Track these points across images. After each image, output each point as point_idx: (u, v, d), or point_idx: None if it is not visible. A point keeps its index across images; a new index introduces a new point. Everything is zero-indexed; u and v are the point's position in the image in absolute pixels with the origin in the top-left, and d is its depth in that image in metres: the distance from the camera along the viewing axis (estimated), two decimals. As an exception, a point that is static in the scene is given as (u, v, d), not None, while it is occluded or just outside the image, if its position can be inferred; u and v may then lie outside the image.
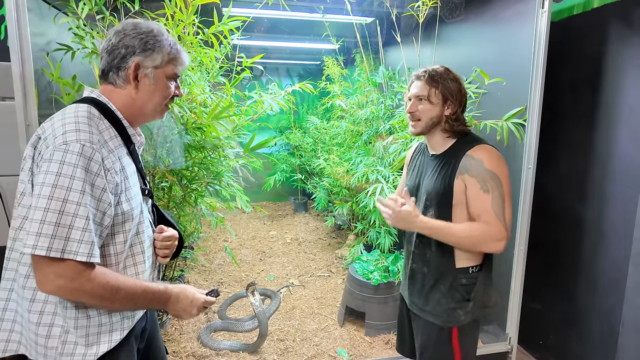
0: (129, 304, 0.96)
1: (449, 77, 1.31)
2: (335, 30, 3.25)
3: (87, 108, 0.96)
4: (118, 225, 0.97)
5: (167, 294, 1.03)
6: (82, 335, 0.95)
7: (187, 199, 2.15)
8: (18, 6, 1.49)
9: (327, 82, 3.66)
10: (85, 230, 0.87)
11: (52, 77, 1.70)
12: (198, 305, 1.08)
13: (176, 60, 1.05)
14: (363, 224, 3.13)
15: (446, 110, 1.31)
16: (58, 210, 0.85)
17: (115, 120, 1.00)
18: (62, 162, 0.86)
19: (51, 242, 0.84)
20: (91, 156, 0.88)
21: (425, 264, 1.39)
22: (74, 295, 0.89)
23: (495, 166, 1.24)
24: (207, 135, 1.94)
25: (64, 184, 0.86)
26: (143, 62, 1.00)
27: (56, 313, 0.94)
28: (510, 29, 2.20)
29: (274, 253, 4.04)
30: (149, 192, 1.13)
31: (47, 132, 0.92)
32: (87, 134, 0.90)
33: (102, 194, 0.91)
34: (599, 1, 1.96)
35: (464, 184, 1.26)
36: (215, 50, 2.04)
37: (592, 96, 1.99)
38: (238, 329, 2.63)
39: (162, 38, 1.02)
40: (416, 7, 2.28)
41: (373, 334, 2.55)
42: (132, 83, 1.01)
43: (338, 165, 3.31)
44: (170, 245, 1.17)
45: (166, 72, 1.03)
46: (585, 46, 2.04)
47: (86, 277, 0.88)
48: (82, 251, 0.87)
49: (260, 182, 4.94)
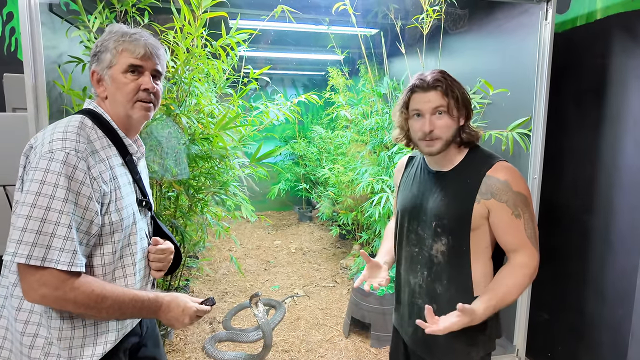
0: (116, 312, 0.95)
1: (459, 83, 1.16)
2: (340, 41, 3.29)
3: (81, 118, 0.96)
4: (106, 236, 0.96)
5: (158, 303, 1.01)
6: (65, 347, 0.93)
7: (194, 208, 2.16)
8: (32, 20, 1.53)
9: (332, 92, 3.70)
10: (67, 238, 0.86)
11: (63, 89, 1.73)
12: (190, 314, 1.05)
13: (126, 51, 0.99)
14: (368, 234, 3.12)
15: (462, 120, 1.16)
16: (40, 218, 0.84)
17: (110, 130, 1.00)
18: (46, 170, 0.86)
19: (32, 250, 0.84)
20: (76, 164, 0.88)
21: (436, 300, 1.19)
22: (59, 304, 0.88)
23: (523, 186, 1.12)
24: (214, 145, 1.96)
25: (47, 192, 0.85)
26: (96, 68, 1.00)
27: (41, 324, 0.93)
28: (514, 41, 2.22)
29: (279, 263, 4.04)
30: (148, 203, 1.11)
31: (38, 141, 0.93)
32: (73, 143, 0.90)
33: (89, 202, 0.90)
34: (602, 12, 1.97)
35: (487, 209, 1.12)
36: (222, 62, 2.08)
37: (596, 106, 2.00)
38: (243, 340, 2.61)
39: (108, 37, 1.00)
40: (420, 19, 2.31)
41: (379, 345, 2.53)
42: (98, 91, 1.02)
43: (343, 174, 3.32)
44: (165, 259, 1.14)
45: (119, 67, 0.99)
46: (589, 57, 2.05)
47: (69, 285, 0.87)
48: (63, 260, 0.86)
49: (264, 191, 4.95)
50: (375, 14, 2.85)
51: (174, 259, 1.19)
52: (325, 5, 2.48)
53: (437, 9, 2.24)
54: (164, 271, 1.16)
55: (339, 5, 2.34)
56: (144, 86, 1.01)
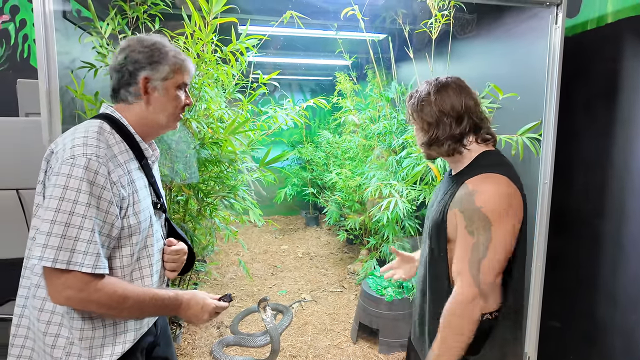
0: (137, 312, 0.98)
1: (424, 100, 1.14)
2: (348, 46, 3.30)
3: (99, 123, 0.99)
4: (125, 239, 0.99)
5: (178, 301, 1.04)
6: (86, 347, 0.96)
7: (203, 212, 2.18)
8: (46, 26, 1.55)
9: (340, 97, 3.70)
10: (91, 242, 0.89)
11: (75, 94, 1.76)
12: (209, 311, 1.09)
13: (182, 69, 1.06)
14: (376, 239, 3.11)
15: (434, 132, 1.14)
16: (64, 222, 0.87)
17: (127, 135, 1.03)
18: (69, 175, 0.88)
19: (57, 253, 0.86)
20: (97, 169, 0.90)
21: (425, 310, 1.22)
22: (83, 305, 0.91)
23: (491, 205, 1.02)
24: (224, 149, 1.97)
25: (70, 197, 0.88)
26: (151, 75, 1.02)
27: (62, 324, 0.96)
28: (523, 45, 2.21)
29: (286, 267, 4.03)
30: (162, 206, 1.14)
31: (59, 147, 0.95)
32: (94, 148, 0.92)
33: (109, 206, 0.93)
34: (613, 16, 1.96)
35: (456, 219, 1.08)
36: (232, 67, 2.09)
37: (608, 110, 1.98)
38: (250, 344, 2.61)
39: (166, 49, 1.04)
40: (429, 24, 2.31)
41: (387, 351, 2.51)
42: (144, 98, 1.03)
43: (350, 179, 3.32)
44: (179, 259, 1.18)
45: (174, 82, 1.05)
46: (599, 61, 2.03)
47: (93, 287, 0.90)
48: (87, 263, 0.88)
49: (271, 195, 4.96)
50: (384, 19, 2.86)
51: (187, 259, 1.22)
52: (333, 10, 2.49)
53: (445, 14, 2.24)
54: (177, 271, 1.19)
55: (348, 11, 2.35)
56: (189, 103, 1.10)
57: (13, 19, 2.82)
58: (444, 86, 1.14)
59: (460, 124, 1.12)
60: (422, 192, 2.44)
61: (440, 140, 1.13)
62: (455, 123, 1.12)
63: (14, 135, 1.91)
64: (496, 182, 1.05)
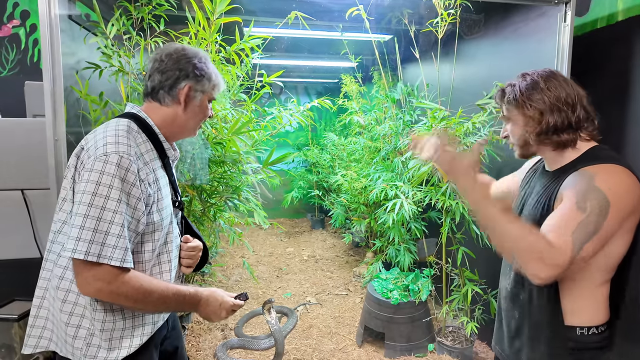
0: (162, 306, 1.03)
1: (533, 88, 1.07)
2: (353, 48, 3.28)
3: (127, 122, 1.03)
4: (148, 235, 1.03)
5: (198, 297, 1.08)
6: (106, 338, 0.99)
7: (206, 213, 2.16)
8: (52, 27, 1.56)
9: (345, 99, 3.69)
10: (120, 236, 0.93)
11: (80, 94, 1.76)
12: (227, 308, 1.13)
13: (217, 87, 1.15)
14: (382, 241, 3.07)
15: (543, 125, 1.06)
16: (96, 217, 0.91)
17: (153, 134, 1.08)
18: (102, 172, 0.92)
19: (89, 246, 0.90)
20: (128, 167, 0.94)
21: (519, 308, 1.10)
22: (112, 297, 0.94)
23: (614, 189, 0.92)
24: (227, 150, 1.96)
25: (103, 193, 0.91)
26: (194, 86, 1.09)
27: (84, 316, 0.99)
28: (532, 44, 2.18)
29: (291, 270, 4.01)
30: (180, 203, 1.19)
31: (90, 143, 0.99)
32: (125, 147, 0.96)
33: (137, 202, 0.97)
34: (623, 14, 1.92)
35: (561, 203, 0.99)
36: (236, 68, 2.09)
37: (619, 110, 1.94)
38: (255, 347, 2.59)
39: (209, 66, 1.12)
40: (435, 23, 2.29)
41: (393, 355, 2.47)
42: (182, 104, 1.09)
43: (356, 181, 3.29)
44: (195, 256, 1.23)
45: (209, 96, 1.13)
46: (610, 60, 1.99)
47: (121, 280, 0.93)
48: (116, 256, 0.92)
49: (278, 198, 4.95)
50: (389, 20, 2.84)
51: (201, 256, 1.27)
52: (338, 10, 2.48)
53: (452, 13, 2.21)
54: (192, 267, 1.24)
55: (353, 11, 2.33)
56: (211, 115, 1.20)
57: (23, 24, 2.86)
58: (553, 75, 1.10)
59: (574, 112, 1.06)
60: (428, 194, 2.40)
61: (559, 129, 1.05)
62: (571, 111, 1.06)
63: (19, 135, 1.92)
64: (619, 170, 0.97)
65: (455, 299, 2.38)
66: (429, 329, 2.57)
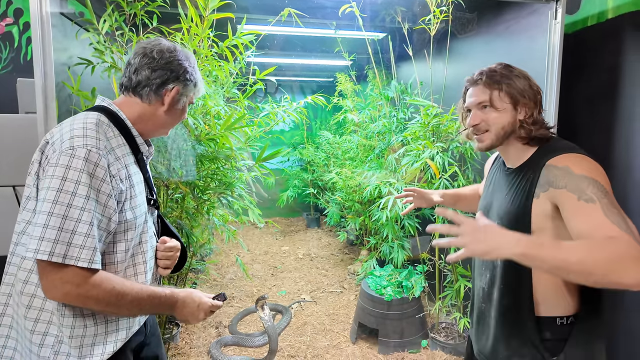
0: (135, 309, 0.95)
1: (512, 74, 1.07)
2: (347, 46, 3.29)
3: (97, 115, 0.97)
4: (120, 234, 0.96)
5: (174, 299, 1.02)
6: (75, 345, 0.92)
7: (200, 209, 2.16)
8: (43, 22, 1.55)
9: (340, 97, 3.70)
10: (88, 235, 0.86)
11: (72, 90, 1.76)
12: (205, 309, 1.06)
13: (199, 92, 1.13)
14: (376, 239, 3.08)
15: (519, 113, 1.06)
16: (62, 215, 0.84)
17: (125, 128, 1.01)
18: (68, 166, 0.86)
19: (53, 246, 0.83)
20: (97, 162, 0.88)
21: (492, 306, 1.10)
22: (81, 301, 0.87)
23: (592, 171, 0.93)
24: (220, 146, 1.96)
25: (69, 189, 0.85)
26: (181, 89, 1.06)
27: (51, 322, 0.92)
28: (523, 42, 2.19)
29: (286, 268, 4.01)
30: (155, 202, 1.13)
31: (55, 137, 0.92)
32: (94, 140, 0.90)
33: (108, 199, 0.90)
34: (613, 12, 1.94)
35: (550, 204, 0.97)
36: (229, 64, 2.09)
37: (609, 107, 1.95)
38: (248, 344, 2.59)
39: (195, 70, 1.10)
40: (427, 20, 2.30)
41: (387, 351, 2.48)
42: (165, 105, 1.05)
43: (350, 179, 3.30)
44: (172, 257, 1.16)
45: (190, 100, 1.11)
46: (600, 57, 2.01)
47: (91, 283, 0.87)
48: (83, 257, 0.85)
49: (273, 197, 4.95)
50: (383, 18, 2.85)
51: (179, 257, 1.20)
52: (331, 6, 2.48)
53: (444, 10, 2.22)
54: (170, 269, 1.17)
55: (346, 8, 2.34)
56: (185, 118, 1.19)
57: (17, 22, 2.84)
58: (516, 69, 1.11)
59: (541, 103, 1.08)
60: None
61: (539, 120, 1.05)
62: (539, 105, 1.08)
63: (10, 131, 1.91)
64: (583, 158, 0.97)
65: (448, 295, 2.39)
66: (423, 325, 2.58)
